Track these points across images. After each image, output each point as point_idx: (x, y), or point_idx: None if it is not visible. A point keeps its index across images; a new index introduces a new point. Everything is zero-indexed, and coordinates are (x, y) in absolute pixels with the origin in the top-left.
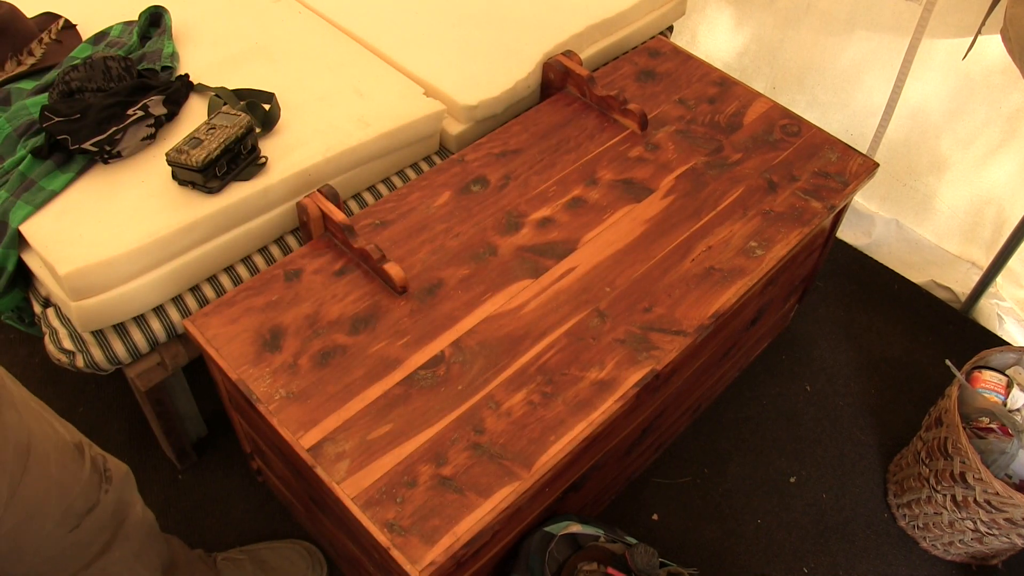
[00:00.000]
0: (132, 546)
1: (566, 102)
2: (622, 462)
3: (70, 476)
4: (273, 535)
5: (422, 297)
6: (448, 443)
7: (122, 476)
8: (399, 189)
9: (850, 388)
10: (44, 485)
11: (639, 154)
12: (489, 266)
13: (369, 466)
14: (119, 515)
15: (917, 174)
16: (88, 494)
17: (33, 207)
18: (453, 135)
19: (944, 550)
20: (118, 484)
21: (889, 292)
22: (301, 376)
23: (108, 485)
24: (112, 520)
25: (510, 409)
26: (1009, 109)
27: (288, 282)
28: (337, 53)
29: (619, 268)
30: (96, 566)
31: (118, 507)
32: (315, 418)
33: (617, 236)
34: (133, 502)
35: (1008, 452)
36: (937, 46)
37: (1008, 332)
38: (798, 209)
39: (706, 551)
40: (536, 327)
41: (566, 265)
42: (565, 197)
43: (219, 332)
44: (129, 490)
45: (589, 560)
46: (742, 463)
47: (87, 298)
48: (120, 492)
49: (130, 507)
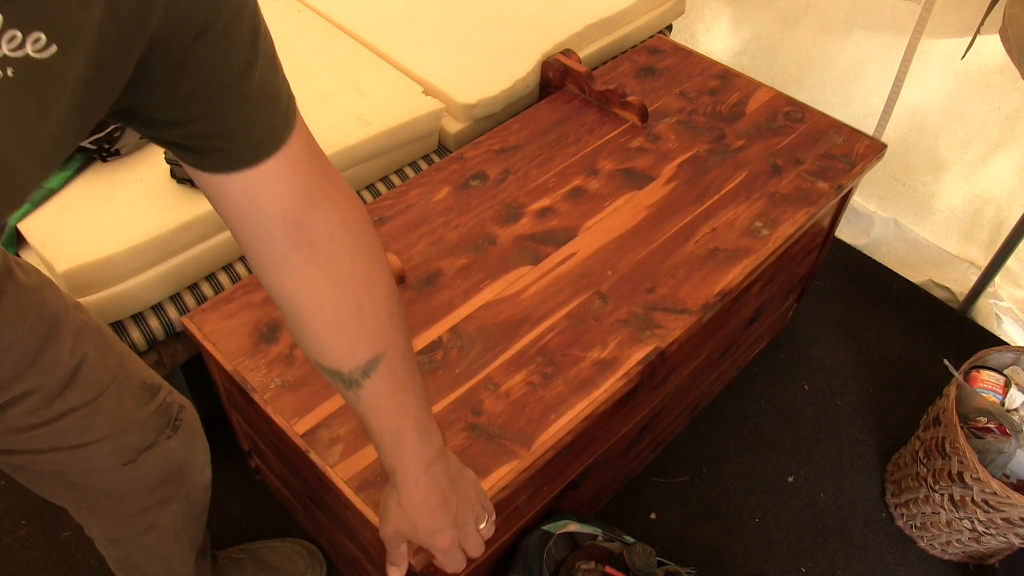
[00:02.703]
0: (191, 510)
1: (565, 99)
2: (620, 461)
3: (127, 405)
4: (271, 534)
5: (420, 287)
6: (445, 425)
7: (193, 432)
8: (398, 187)
9: (848, 387)
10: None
11: (640, 144)
12: (488, 255)
13: (363, 449)
14: (184, 472)
15: (916, 174)
16: (146, 432)
17: (31, 205)
18: (452, 134)
19: (941, 549)
20: (185, 436)
21: (887, 292)
22: (296, 366)
23: (172, 432)
24: (174, 474)
25: (509, 390)
26: (1008, 109)
27: None
28: (336, 51)
29: (620, 252)
30: (151, 514)
31: (181, 463)
32: (309, 405)
33: (618, 222)
34: (199, 465)
35: (1006, 452)
36: (936, 46)
37: (1006, 332)
38: (804, 190)
39: (704, 550)
40: (536, 311)
41: (566, 251)
42: (565, 187)
43: (216, 327)
44: (198, 452)
45: (587, 559)
46: (740, 462)
47: (85, 296)
48: (184, 446)
49: (197, 469)
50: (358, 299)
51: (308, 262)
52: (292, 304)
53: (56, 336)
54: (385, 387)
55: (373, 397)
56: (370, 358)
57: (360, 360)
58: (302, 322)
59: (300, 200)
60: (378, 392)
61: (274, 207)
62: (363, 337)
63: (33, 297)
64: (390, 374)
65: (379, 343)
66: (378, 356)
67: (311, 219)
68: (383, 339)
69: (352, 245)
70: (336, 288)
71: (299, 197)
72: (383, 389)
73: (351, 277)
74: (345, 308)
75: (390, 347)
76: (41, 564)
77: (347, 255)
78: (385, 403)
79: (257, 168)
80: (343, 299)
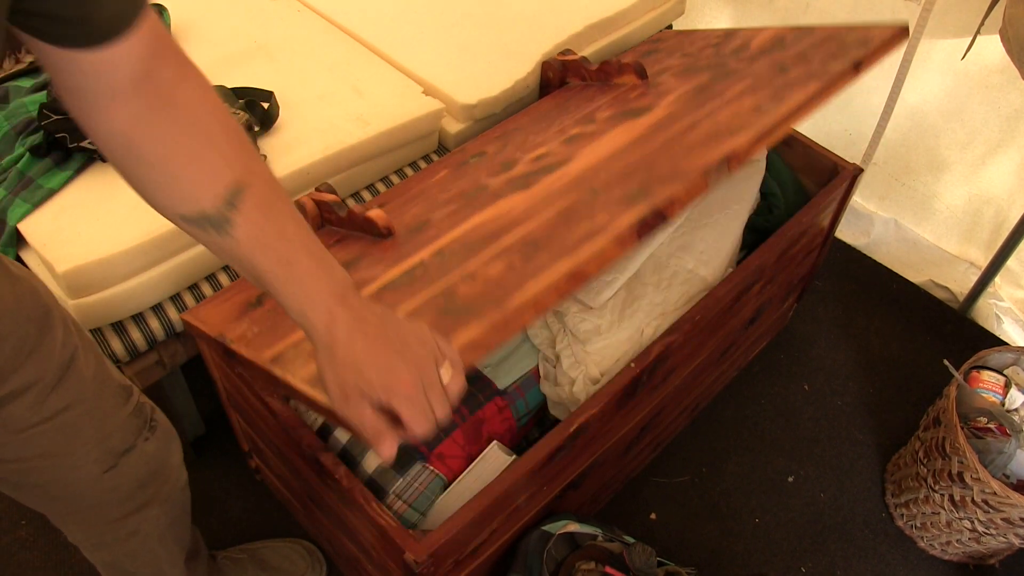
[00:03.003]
0: (172, 512)
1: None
2: (620, 461)
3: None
4: (271, 534)
5: (408, 234)
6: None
7: (167, 432)
8: (397, 185)
9: (848, 388)
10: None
11: (640, 93)
12: (478, 198)
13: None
14: (161, 474)
15: (916, 174)
16: (126, 434)
17: (31, 205)
18: (452, 134)
19: (941, 550)
20: (161, 437)
21: (887, 292)
22: (277, 316)
23: (150, 434)
24: (152, 477)
25: (487, 276)
26: (1008, 109)
27: None
28: (336, 52)
29: (615, 160)
30: (133, 519)
31: (159, 465)
32: (281, 336)
33: (613, 142)
34: (176, 465)
35: (1006, 452)
36: (936, 46)
37: (1006, 332)
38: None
39: (704, 550)
40: (523, 218)
41: (560, 173)
42: (562, 137)
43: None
44: (174, 451)
45: (587, 559)
46: (740, 462)
47: (85, 296)
48: (162, 447)
49: (173, 470)
50: (208, 130)
51: (152, 105)
52: (136, 145)
53: (50, 325)
54: (260, 216)
55: (250, 232)
56: (232, 186)
57: (222, 189)
58: (148, 163)
59: (151, 64)
60: (254, 224)
61: (123, 76)
62: (220, 164)
63: (27, 286)
64: (262, 201)
65: (238, 168)
66: (240, 183)
67: (159, 75)
68: (241, 164)
69: (201, 88)
70: (183, 121)
71: (150, 64)
72: (258, 219)
73: (201, 110)
74: (197, 140)
75: (252, 175)
76: (41, 564)
77: (195, 95)
78: (265, 236)
79: (110, 47)
80: (193, 130)
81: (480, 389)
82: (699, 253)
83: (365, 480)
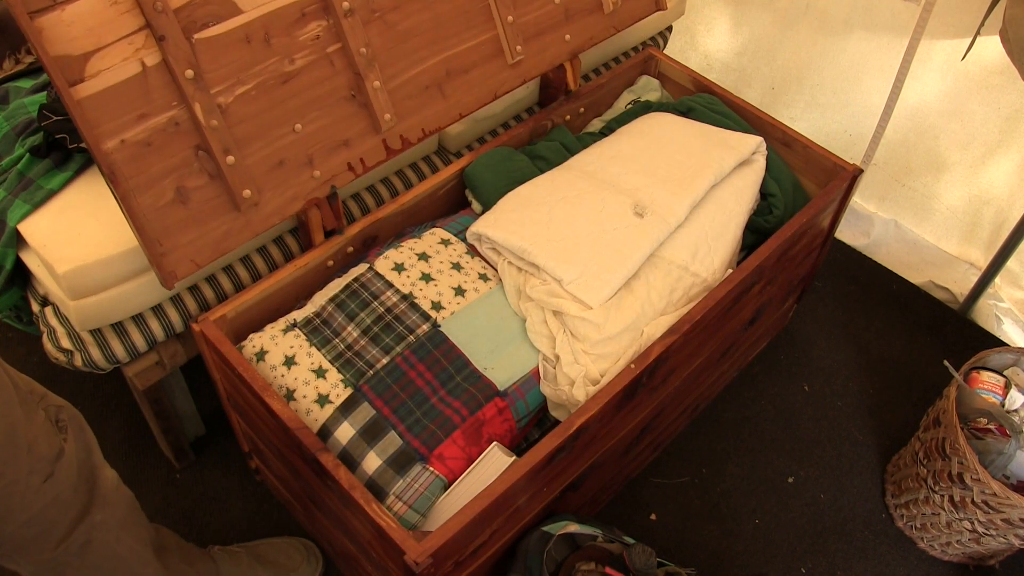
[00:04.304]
0: (116, 513)
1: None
2: (620, 461)
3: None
4: (271, 534)
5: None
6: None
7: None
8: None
9: (848, 388)
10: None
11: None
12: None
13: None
14: (87, 473)
15: (916, 174)
16: (50, 438)
17: (31, 206)
18: (452, 134)
19: (941, 550)
20: (75, 433)
21: (887, 292)
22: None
23: (65, 434)
24: (82, 479)
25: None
26: (1008, 110)
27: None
28: None
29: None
30: (80, 530)
31: (83, 462)
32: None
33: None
34: (99, 464)
35: (1006, 453)
36: (936, 47)
37: (1006, 333)
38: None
39: (704, 551)
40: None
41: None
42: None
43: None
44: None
45: (587, 560)
46: (740, 463)
47: (85, 297)
48: (82, 446)
49: (97, 468)
50: None
51: None
52: None
53: None
54: None
55: None
56: None
57: None
58: None
59: None
60: None
61: None
62: None
63: None
64: None
65: None
66: None
67: None
68: None
69: None
70: None
71: None
72: None
73: None
74: None
75: None
76: None
77: None
78: None
79: None
80: None
81: (480, 390)
82: (699, 253)
83: (365, 481)
